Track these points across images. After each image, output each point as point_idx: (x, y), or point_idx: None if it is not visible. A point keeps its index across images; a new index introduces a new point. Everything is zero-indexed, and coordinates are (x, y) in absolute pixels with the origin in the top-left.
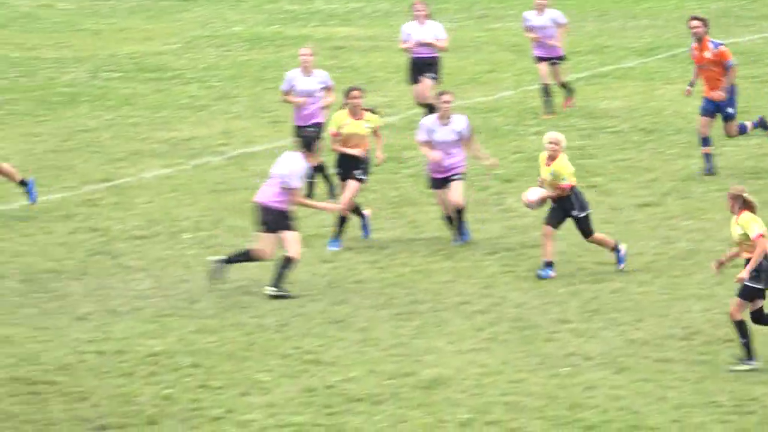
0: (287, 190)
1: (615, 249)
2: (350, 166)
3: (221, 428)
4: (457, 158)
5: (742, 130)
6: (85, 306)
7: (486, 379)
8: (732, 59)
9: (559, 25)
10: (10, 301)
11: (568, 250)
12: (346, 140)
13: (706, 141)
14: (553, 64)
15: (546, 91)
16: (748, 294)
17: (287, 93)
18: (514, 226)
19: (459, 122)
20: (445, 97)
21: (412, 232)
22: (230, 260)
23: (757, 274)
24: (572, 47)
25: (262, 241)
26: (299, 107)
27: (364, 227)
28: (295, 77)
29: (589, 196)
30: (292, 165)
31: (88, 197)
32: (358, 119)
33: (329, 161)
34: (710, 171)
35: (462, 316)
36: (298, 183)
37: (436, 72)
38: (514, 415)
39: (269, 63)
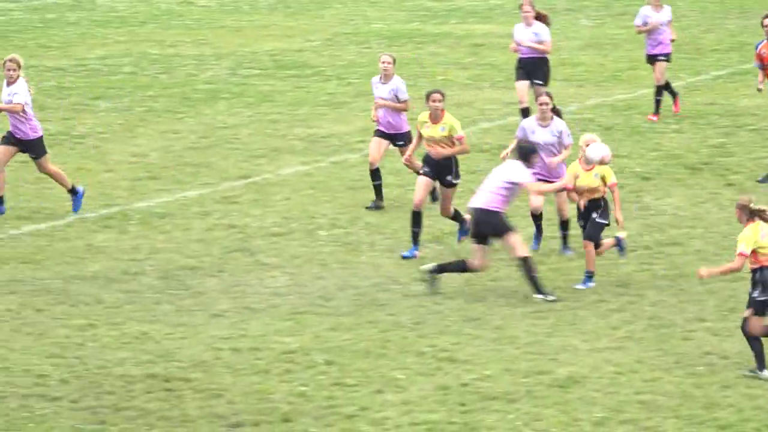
0: (521, 186)
1: (590, 275)
2: (441, 169)
3: (355, 426)
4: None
5: None
6: (222, 303)
7: (621, 378)
8: None
9: (669, 22)
10: (148, 297)
11: (704, 248)
12: (426, 143)
13: None
14: (659, 60)
15: (667, 88)
16: (758, 306)
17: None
18: (652, 224)
19: (558, 125)
20: (543, 99)
21: (548, 230)
22: (443, 269)
23: (763, 286)
24: (713, 45)
25: (476, 252)
26: (378, 113)
27: (461, 231)
28: (375, 84)
29: (727, 194)
30: (516, 169)
31: (227, 194)
32: (436, 123)
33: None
34: None
35: (597, 315)
36: (530, 177)
37: (544, 76)
38: (648, 414)
39: (408, 60)
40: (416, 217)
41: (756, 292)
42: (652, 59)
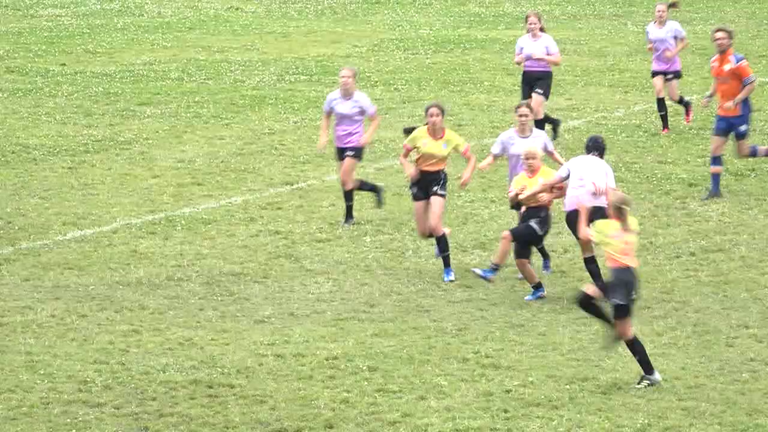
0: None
1: (537, 287)
2: (428, 182)
3: None
4: None
5: (753, 153)
6: (266, 309)
7: (664, 384)
8: (752, 75)
9: (678, 38)
10: (192, 303)
11: (749, 255)
12: (423, 158)
13: (716, 160)
14: (668, 79)
15: (661, 105)
16: (620, 312)
17: (327, 115)
18: (698, 230)
19: (538, 136)
20: (522, 110)
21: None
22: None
23: (612, 288)
24: (761, 50)
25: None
26: (337, 130)
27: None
28: (335, 100)
29: None
30: (601, 167)
31: (272, 200)
32: (437, 139)
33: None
34: (716, 192)
35: (642, 321)
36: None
37: (545, 87)
38: (691, 421)
39: (455, 66)
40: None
41: (613, 298)
42: (655, 74)
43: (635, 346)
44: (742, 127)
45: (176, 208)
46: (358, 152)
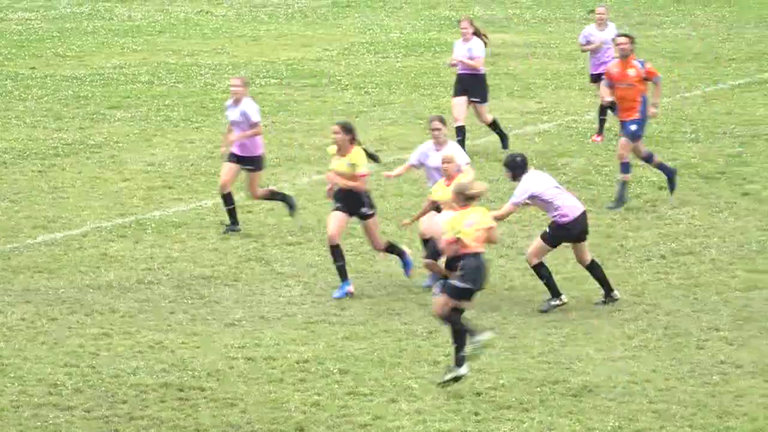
0: None
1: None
2: (352, 202)
3: None
4: None
5: (625, 166)
6: (236, 312)
7: (635, 387)
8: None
9: (614, 40)
10: (162, 307)
11: (719, 258)
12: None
13: (648, 158)
14: (599, 79)
15: (603, 110)
16: (455, 292)
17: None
18: (668, 233)
19: (451, 148)
20: (434, 124)
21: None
22: (606, 287)
23: (462, 273)
24: (731, 54)
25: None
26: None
27: (406, 265)
28: (228, 107)
29: (743, 203)
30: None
31: (242, 203)
32: (342, 156)
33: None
34: (671, 171)
35: (612, 324)
36: None
37: (481, 92)
38: (662, 423)
39: (425, 69)
40: (335, 251)
41: (457, 280)
42: (596, 78)
43: (451, 320)
44: (633, 127)
45: (146, 211)
46: (256, 164)
